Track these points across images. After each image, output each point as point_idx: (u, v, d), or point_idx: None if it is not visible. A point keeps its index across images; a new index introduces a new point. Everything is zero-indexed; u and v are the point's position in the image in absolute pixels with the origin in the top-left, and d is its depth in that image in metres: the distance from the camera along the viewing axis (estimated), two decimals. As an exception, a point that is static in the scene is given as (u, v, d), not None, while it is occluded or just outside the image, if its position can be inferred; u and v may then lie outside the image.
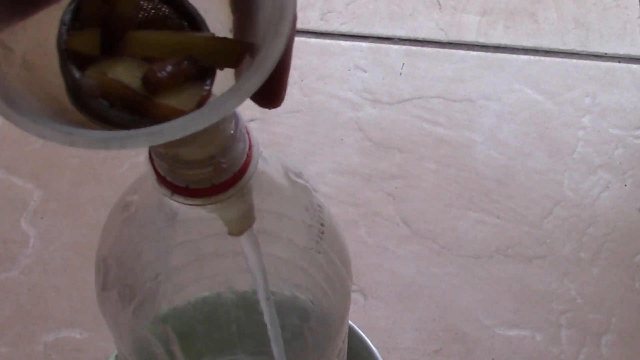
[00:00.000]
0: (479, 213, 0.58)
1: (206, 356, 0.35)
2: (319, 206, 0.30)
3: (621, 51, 0.67)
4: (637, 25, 0.68)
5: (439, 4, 0.69)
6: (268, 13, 0.19)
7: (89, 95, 0.20)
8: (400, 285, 0.55)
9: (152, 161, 0.23)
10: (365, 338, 0.49)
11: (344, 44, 0.67)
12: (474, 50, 0.66)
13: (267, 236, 0.29)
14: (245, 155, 0.23)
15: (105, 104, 0.20)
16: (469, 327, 0.54)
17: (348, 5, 0.69)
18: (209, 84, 0.20)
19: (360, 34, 0.67)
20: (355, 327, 0.49)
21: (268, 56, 0.18)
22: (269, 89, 0.19)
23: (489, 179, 0.60)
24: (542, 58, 0.66)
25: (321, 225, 0.30)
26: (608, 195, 0.59)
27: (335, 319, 0.32)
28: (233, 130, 0.23)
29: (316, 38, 0.67)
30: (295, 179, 0.29)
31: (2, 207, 0.58)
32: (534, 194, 0.59)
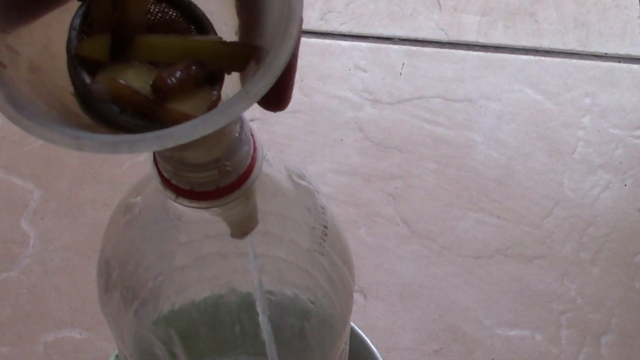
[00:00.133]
0: (479, 213, 0.58)
1: (208, 357, 0.35)
2: (322, 208, 0.30)
3: (621, 51, 0.67)
4: (637, 25, 0.68)
5: (439, 4, 0.69)
6: (275, 16, 0.19)
7: (100, 100, 0.20)
8: (400, 285, 0.55)
9: (157, 164, 0.23)
10: (365, 338, 0.49)
11: (344, 44, 0.66)
12: (474, 50, 0.66)
13: (271, 238, 0.29)
14: (250, 158, 0.23)
15: (116, 109, 0.20)
16: (469, 327, 0.54)
17: (348, 5, 0.68)
18: (217, 88, 0.20)
19: (360, 34, 0.67)
20: (355, 327, 0.49)
21: (277, 59, 0.18)
22: (275, 92, 0.19)
23: (489, 179, 0.60)
24: (542, 58, 0.66)
25: (324, 227, 0.30)
26: (608, 195, 0.59)
27: (338, 321, 0.32)
28: (238, 133, 0.23)
29: (316, 38, 0.66)
30: (299, 180, 0.29)
31: (2, 207, 0.57)
32: (534, 194, 0.59)
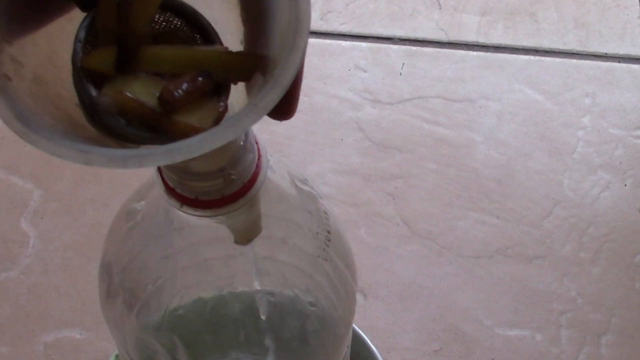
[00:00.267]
0: (479, 213, 0.58)
1: (209, 359, 0.35)
2: (325, 213, 0.30)
3: (621, 51, 0.67)
4: (637, 25, 0.68)
5: (439, 4, 0.69)
6: (282, 25, 0.19)
7: (107, 113, 0.19)
8: (400, 285, 0.55)
9: (161, 173, 0.23)
10: (365, 338, 0.49)
11: (344, 44, 0.66)
12: (474, 50, 0.66)
13: (275, 243, 0.29)
14: (255, 166, 0.23)
15: (123, 121, 0.20)
16: (469, 327, 0.54)
17: (348, 5, 0.68)
18: (223, 98, 0.20)
19: (360, 34, 0.67)
20: (356, 327, 0.49)
21: (285, 71, 0.18)
22: (282, 103, 0.19)
23: (489, 179, 0.60)
24: (542, 58, 0.66)
25: (327, 232, 0.30)
26: (608, 195, 0.59)
27: (341, 325, 0.32)
28: (243, 142, 0.23)
29: (316, 38, 0.66)
30: (302, 186, 0.29)
31: (2, 207, 0.57)
32: (534, 194, 0.59)
